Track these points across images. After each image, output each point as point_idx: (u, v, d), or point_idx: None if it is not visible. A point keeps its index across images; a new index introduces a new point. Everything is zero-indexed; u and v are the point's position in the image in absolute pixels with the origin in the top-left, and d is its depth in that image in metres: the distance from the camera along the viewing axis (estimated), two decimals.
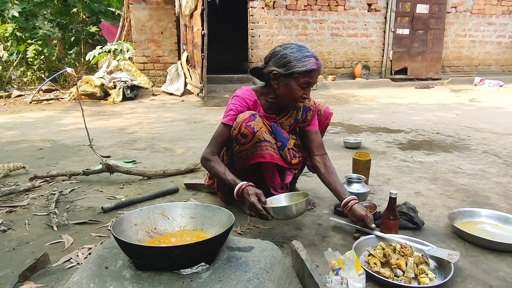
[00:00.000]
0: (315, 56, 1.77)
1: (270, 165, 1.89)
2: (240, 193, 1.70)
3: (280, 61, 1.76)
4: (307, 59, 1.73)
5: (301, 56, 1.73)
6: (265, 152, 1.78)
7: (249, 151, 1.79)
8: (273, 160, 1.81)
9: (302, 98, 1.80)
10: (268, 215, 1.62)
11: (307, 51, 1.76)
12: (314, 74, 1.75)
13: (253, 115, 1.78)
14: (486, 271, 1.46)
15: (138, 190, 2.35)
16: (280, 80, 1.78)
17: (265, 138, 1.78)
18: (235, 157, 1.86)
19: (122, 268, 1.12)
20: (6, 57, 8.16)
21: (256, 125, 1.76)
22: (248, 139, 1.76)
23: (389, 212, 1.69)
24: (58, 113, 5.59)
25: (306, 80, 1.75)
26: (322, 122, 2.06)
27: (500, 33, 9.61)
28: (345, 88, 7.99)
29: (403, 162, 2.93)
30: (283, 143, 1.89)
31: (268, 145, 1.79)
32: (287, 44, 1.80)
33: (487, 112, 5.41)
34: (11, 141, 3.79)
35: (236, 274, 1.10)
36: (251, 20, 7.95)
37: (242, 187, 1.69)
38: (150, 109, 5.97)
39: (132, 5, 7.63)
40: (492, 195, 2.26)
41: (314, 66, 1.73)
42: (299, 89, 1.76)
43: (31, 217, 1.95)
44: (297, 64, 1.73)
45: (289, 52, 1.75)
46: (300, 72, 1.73)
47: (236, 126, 1.78)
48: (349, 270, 1.29)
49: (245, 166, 1.85)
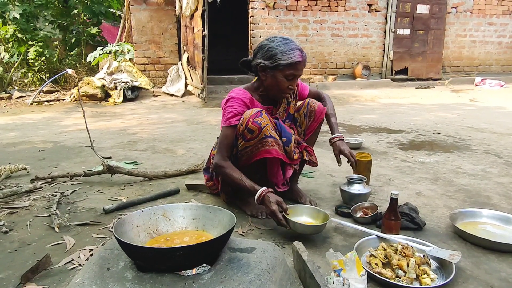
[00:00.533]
0: (300, 49, 1.83)
1: (275, 161, 1.91)
2: (261, 199, 1.74)
3: (267, 54, 1.83)
4: (292, 52, 1.79)
5: (286, 49, 1.80)
6: (271, 148, 1.82)
7: (255, 147, 1.82)
8: (278, 155, 1.84)
9: (288, 89, 1.87)
10: (287, 224, 1.68)
11: (292, 44, 1.82)
12: (299, 66, 1.82)
13: (260, 112, 1.82)
14: (488, 272, 1.46)
15: (139, 191, 2.35)
16: (267, 72, 1.85)
17: (271, 134, 1.81)
18: (240, 153, 1.88)
19: (124, 269, 1.12)
20: (7, 59, 8.18)
21: (263, 121, 1.79)
22: (254, 134, 1.79)
23: (390, 212, 1.69)
24: (59, 114, 5.60)
25: (291, 72, 1.82)
26: (317, 118, 2.09)
27: (500, 33, 9.60)
28: (345, 88, 7.99)
29: (404, 163, 2.93)
30: (289, 138, 1.92)
31: (274, 141, 1.82)
32: (273, 38, 1.87)
33: (488, 112, 5.40)
34: (12, 142, 3.79)
35: (238, 275, 1.10)
36: (251, 21, 7.95)
37: (263, 193, 1.74)
38: (151, 110, 5.98)
39: (132, 6, 7.64)
40: (493, 195, 2.25)
41: (299, 58, 1.80)
42: (285, 81, 1.84)
43: (33, 219, 1.95)
44: (282, 56, 1.79)
45: (275, 45, 1.82)
46: (285, 64, 1.79)
47: (243, 122, 1.81)
48: (351, 271, 1.29)
49: (249, 163, 1.87)
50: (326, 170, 2.74)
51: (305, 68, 1.91)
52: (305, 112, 2.09)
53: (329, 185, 2.44)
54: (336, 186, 2.41)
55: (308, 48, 8.31)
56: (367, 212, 1.92)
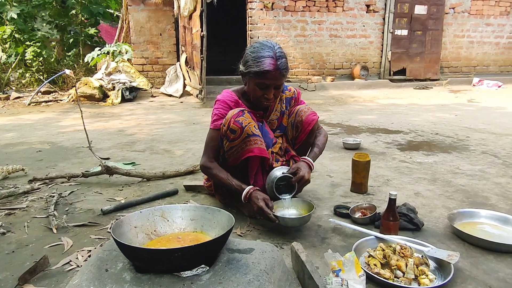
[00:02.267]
0: (275, 56, 1.69)
1: (256, 163, 1.86)
2: (247, 197, 1.73)
3: (243, 59, 1.80)
4: (263, 60, 1.69)
5: (258, 56, 1.70)
6: (253, 147, 1.76)
7: (239, 147, 1.79)
8: (261, 153, 1.79)
9: (264, 98, 1.79)
10: (275, 219, 1.69)
11: (267, 51, 1.70)
12: (268, 76, 1.70)
13: (242, 111, 1.78)
14: (486, 272, 1.46)
15: (137, 192, 2.35)
16: (245, 78, 1.81)
17: (254, 133, 1.77)
18: (227, 154, 1.86)
19: (122, 270, 1.12)
20: (5, 59, 8.16)
21: (245, 120, 1.75)
22: (237, 134, 1.76)
23: (388, 213, 1.69)
24: (57, 115, 5.58)
25: (260, 81, 1.73)
26: (304, 129, 1.95)
27: (498, 33, 9.63)
28: (344, 89, 8.00)
29: (402, 163, 2.93)
30: (267, 144, 1.89)
31: (258, 139, 1.78)
32: (254, 43, 1.81)
33: (486, 113, 5.42)
34: (10, 143, 3.78)
35: (237, 276, 1.10)
36: (249, 21, 7.95)
37: (249, 191, 1.74)
38: (149, 110, 5.97)
39: (130, 6, 7.63)
40: (491, 195, 2.26)
41: (268, 67, 1.68)
42: (257, 89, 1.77)
43: (31, 220, 1.94)
44: (252, 64, 1.72)
45: (249, 51, 1.76)
46: (253, 73, 1.72)
47: (225, 123, 1.78)
48: (349, 272, 1.29)
49: (237, 163, 1.85)
50: (325, 170, 2.74)
51: (302, 69, 1.87)
52: (292, 122, 1.99)
53: (328, 185, 2.44)
54: (334, 186, 2.42)
55: (306, 49, 8.32)
56: (365, 212, 1.92)
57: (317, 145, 1.98)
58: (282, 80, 1.77)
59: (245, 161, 1.84)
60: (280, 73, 1.72)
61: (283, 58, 1.73)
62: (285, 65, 1.74)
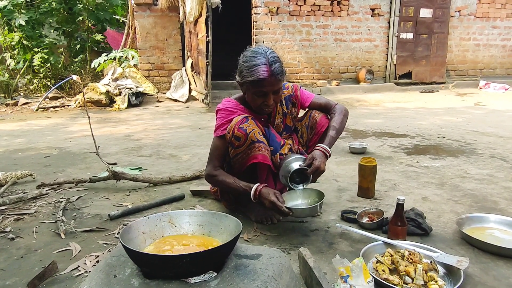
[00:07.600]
0: (268, 63, 1.68)
1: (264, 168, 1.87)
2: (257, 195, 1.72)
3: (238, 70, 1.79)
4: (257, 68, 1.68)
5: (251, 65, 1.70)
6: (258, 153, 1.76)
7: (244, 153, 1.78)
8: (265, 161, 1.78)
9: (264, 105, 1.79)
10: (289, 211, 1.68)
11: (259, 58, 1.69)
12: (264, 83, 1.69)
13: (246, 118, 1.78)
14: (497, 278, 1.44)
15: (144, 197, 2.36)
16: (242, 88, 1.81)
17: (258, 139, 1.76)
18: (232, 162, 1.86)
19: (131, 276, 1.12)
20: (13, 65, 8.25)
21: (249, 127, 1.75)
22: (241, 141, 1.76)
23: (396, 218, 1.68)
24: (65, 121, 5.63)
25: (257, 89, 1.73)
26: (318, 130, 1.98)
27: (504, 36, 9.57)
28: (349, 93, 7.99)
29: (409, 167, 2.91)
30: (275, 148, 1.89)
31: (262, 146, 1.78)
32: (245, 51, 1.79)
33: (493, 116, 5.37)
34: (18, 148, 3.82)
35: (245, 282, 1.09)
36: (254, 26, 7.98)
37: (258, 189, 1.72)
38: (155, 115, 6.00)
39: (137, 12, 7.70)
40: (500, 200, 2.23)
41: (263, 75, 1.67)
42: (256, 98, 1.77)
43: (39, 225, 1.96)
44: (247, 74, 1.72)
45: (242, 61, 1.76)
46: (249, 82, 1.72)
47: (229, 130, 1.78)
48: (358, 278, 1.28)
49: (243, 170, 1.84)
50: (331, 175, 2.74)
51: (308, 73, 1.87)
52: (307, 124, 2.02)
53: (334, 190, 2.43)
54: (341, 191, 2.41)
55: (311, 53, 8.33)
56: (373, 217, 1.91)
57: (333, 127, 1.90)
58: (279, 84, 1.76)
59: (251, 168, 1.84)
60: (276, 79, 1.71)
61: (277, 63, 1.72)
62: (280, 70, 1.72)
